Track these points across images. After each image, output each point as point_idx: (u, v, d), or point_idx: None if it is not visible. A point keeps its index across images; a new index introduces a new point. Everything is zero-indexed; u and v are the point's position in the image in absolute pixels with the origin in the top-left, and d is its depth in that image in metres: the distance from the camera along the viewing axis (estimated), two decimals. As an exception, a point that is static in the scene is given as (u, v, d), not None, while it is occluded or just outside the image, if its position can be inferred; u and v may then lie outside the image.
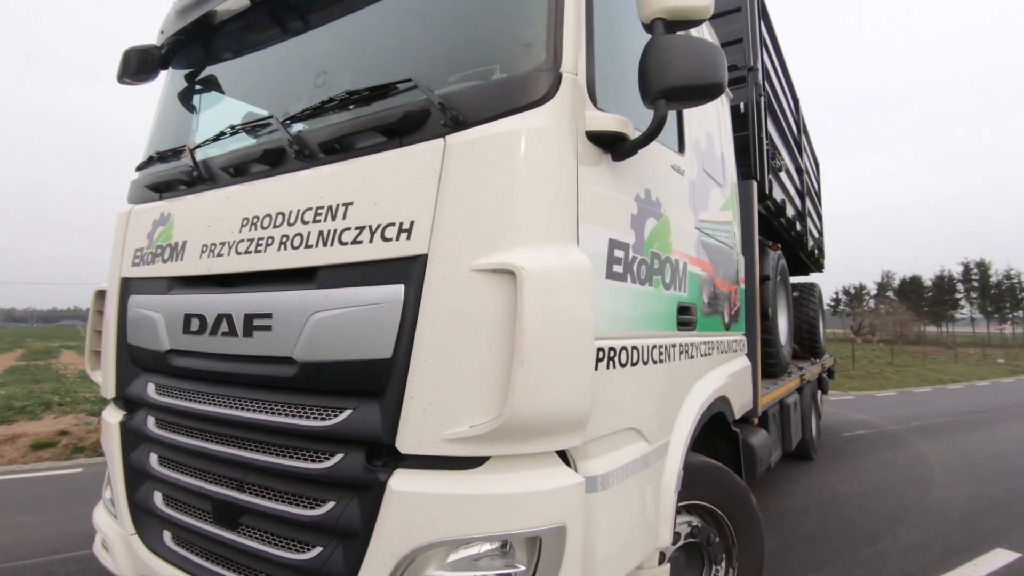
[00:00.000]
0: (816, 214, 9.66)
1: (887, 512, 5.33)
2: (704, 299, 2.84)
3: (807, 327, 8.48)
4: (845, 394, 16.24)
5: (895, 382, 20.53)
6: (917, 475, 6.92)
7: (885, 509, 5.43)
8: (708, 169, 3.13)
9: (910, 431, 10.19)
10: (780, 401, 5.30)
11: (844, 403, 13.75)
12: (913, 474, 6.96)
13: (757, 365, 3.86)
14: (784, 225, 6.06)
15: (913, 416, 12.07)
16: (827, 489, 6.13)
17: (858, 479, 6.64)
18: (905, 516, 5.21)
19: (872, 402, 14.96)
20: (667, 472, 2.24)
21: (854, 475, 6.84)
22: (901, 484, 6.43)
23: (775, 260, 4.99)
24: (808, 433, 6.90)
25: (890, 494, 5.97)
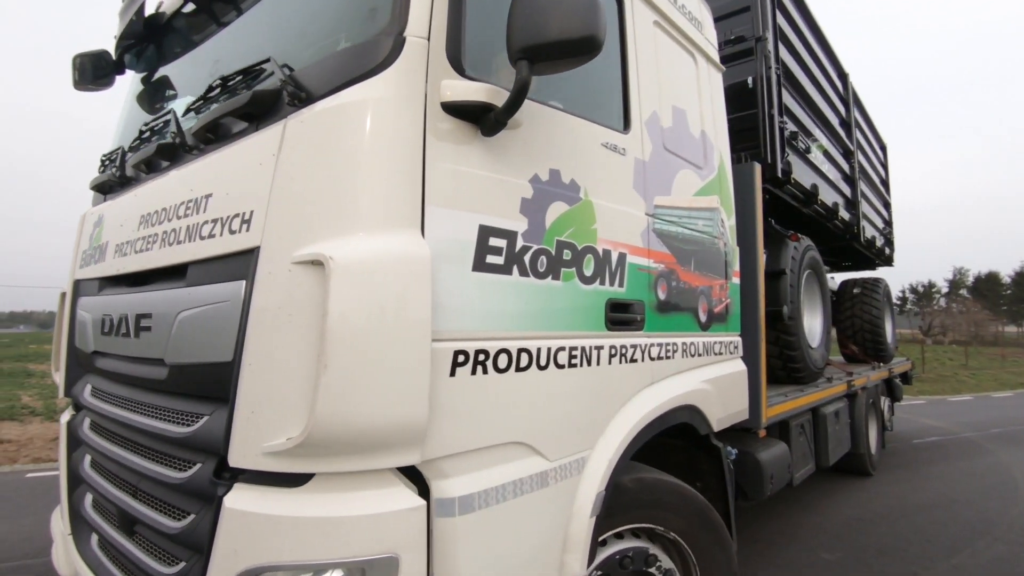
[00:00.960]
0: (882, 202, 8.72)
1: (965, 525, 4.90)
2: (659, 295, 2.50)
3: (869, 327, 7.63)
4: (915, 398, 14.88)
5: (970, 386, 19.23)
6: (998, 486, 6.30)
7: (963, 521, 4.99)
8: (676, 149, 2.77)
9: (989, 438, 9.34)
10: (813, 410, 4.74)
11: (914, 408, 12.67)
12: (994, 485, 6.34)
13: (760, 370, 3.41)
14: (823, 213, 5.43)
15: (992, 422, 11.11)
16: (897, 499, 5.70)
17: (931, 489, 6.11)
18: (986, 529, 4.78)
19: (945, 407, 13.89)
20: (582, 493, 1.95)
21: (927, 485, 6.30)
22: (980, 495, 5.88)
23: (800, 252, 4.44)
24: (863, 446, 6.16)
25: (968, 506, 5.50)
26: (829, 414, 4.92)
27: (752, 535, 4.59)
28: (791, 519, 5.04)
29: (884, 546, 4.40)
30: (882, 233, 8.41)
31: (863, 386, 6.30)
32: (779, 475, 3.78)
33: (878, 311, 7.68)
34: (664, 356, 2.50)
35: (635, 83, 2.51)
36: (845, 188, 6.24)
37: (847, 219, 6.17)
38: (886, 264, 8.90)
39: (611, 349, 2.17)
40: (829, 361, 5.97)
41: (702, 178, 3.01)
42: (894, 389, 8.85)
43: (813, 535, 4.64)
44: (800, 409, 4.20)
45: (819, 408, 4.82)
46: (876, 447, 6.91)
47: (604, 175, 2.23)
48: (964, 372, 23.30)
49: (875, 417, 7.05)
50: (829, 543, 4.41)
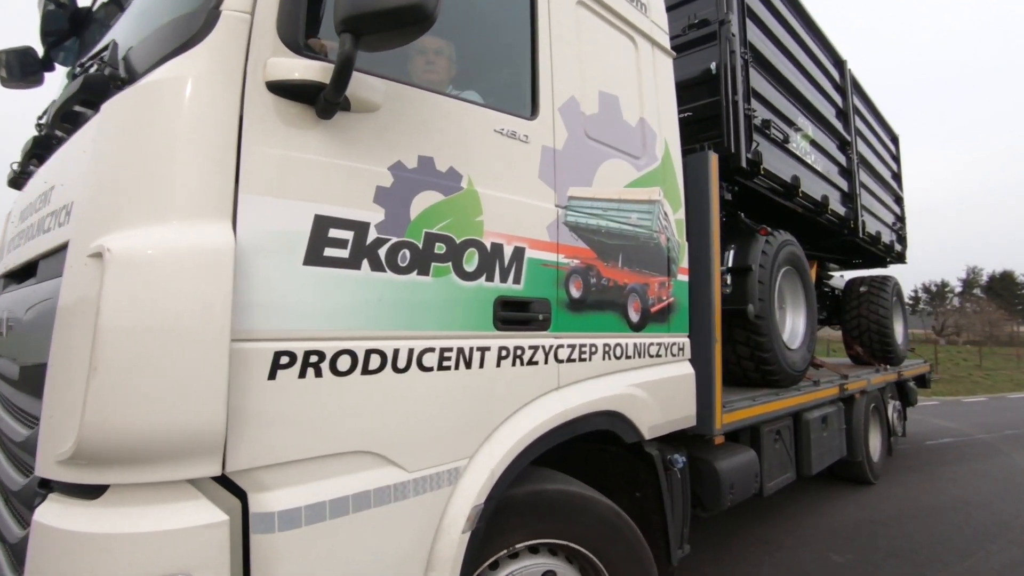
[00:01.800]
0: (892, 197, 8.29)
1: (979, 527, 4.84)
2: (572, 292, 2.32)
3: (876, 328, 7.26)
4: (928, 399, 14.39)
5: (985, 386, 18.87)
6: (1013, 488, 6.19)
7: (976, 524, 4.92)
8: (602, 137, 2.60)
9: (1004, 440, 9.15)
10: (794, 415, 4.47)
11: (927, 409, 12.36)
12: (1008, 487, 6.23)
13: (713, 374, 3.20)
14: (810, 207, 5.14)
15: (1007, 423, 10.90)
16: (909, 501, 5.62)
17: (944, 491, 6.01)
18: (1000, 532, 4.71)
19: (959, 408, 13.66)
20: (454, 506, 1.80)
21: (939, 486, 6.19)
22: (993, 497, 5.77)
23: (775, 247, 4.18)
24: (860, 454, 5.82)
25: (981, 508, 5.42)
26: (813, 420, 4.63)
27: (761, 536, 4.55)
28: (801, 521, 4.98)
29: (895, 548, 4.30)
30: (892, 229, 7.99)
31: (862, 390, 5.96)
32: (742, 485, 3.55)
33: (886, 311, 7.29)
34: (577, 358, 2.33)
35: (547, 67, 2.34)
36: (840, 181, 5.91)
37: (842, 214, 5.84)
38: (898, 261, 8.46)
39: (501, 351, 2.00)
40: (822, 363, 5.67)
41: (639, 168, 2.82)
42: (907, 393, 8.41)
43: (823, 537, 4.58)
44: (773, 415, 3.95)
45: (801, 413, 4.55)
46: (880, 454, 6.53)
47: (498, 163, 2.07)
48: (978, 373, 23.00)
49: (879, 423, 6.68)
50: (839, 545, 4.35)
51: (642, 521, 2.71)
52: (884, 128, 8.05)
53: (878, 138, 7.67)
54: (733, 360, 4.17)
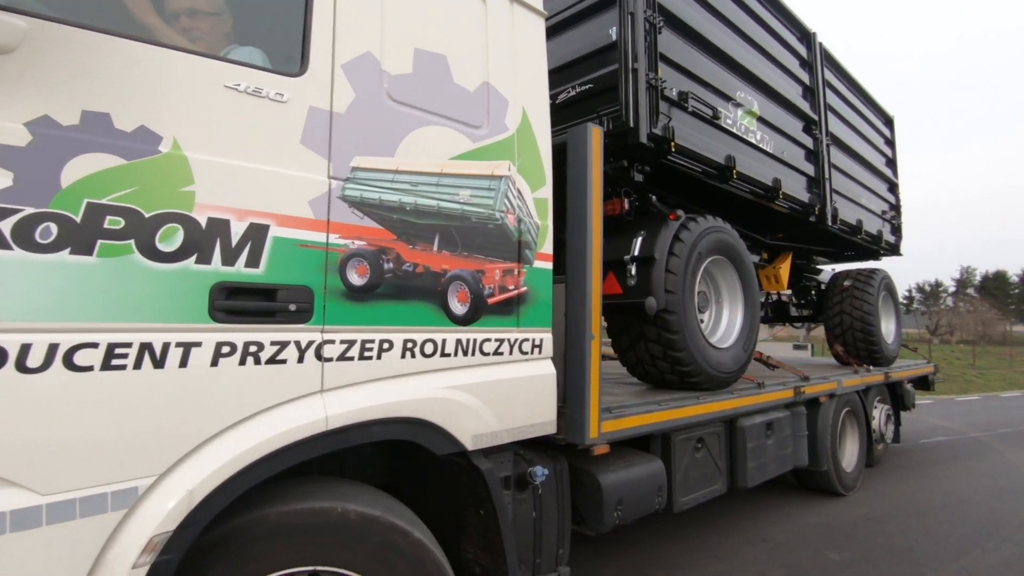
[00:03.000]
0: (886, 184, 7.67)
1: (974, 525, 4.89)
2: (353, 279, 1.99)
3: (859, 325, 6.69)
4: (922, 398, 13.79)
5: (978, 385, 19.21)
6: (1008, 486, 6.23)
7: (972, 522, 4.98)
8: (418, 101, 2.25)
9: (998, 438, 9.21)
10: (729, 421, 4.03)
11: (921, 408, 12.25)
12: (1003, 485, 6.26)
13: (588, 374, 2.81)
14: (760, 192, 4.67)
15: (1001, 422, 11.00)
16: (905, 499, 5.65)
17: (940, 489, 6.05)
18: (995, 530, 4.75)
19: (953, 407, 13.76)
20: (125, 534, 1.49)
21: (935, 485, 6.23)
22: (989, 495, 5.83)
23: (695, 235, 3.74)
24: (826, 463, 5.30)
25: (977, 506, 5.47)
26: (752, 426, 4.17)
27: (760, 535, 4.56)
28: (799, 519, 4.99)
29: (892, 546, 4.33)
30: (883, 218, 7.37)
31: (830, 393, 5.43)
32: (637, 500, 3.16)
33: (871, 306, 6.70)
34: (357, 356, 1.99)
35: (325, 17, 2.01)
36: (805, 164, 5.39)
37: (805, 199, 5.33)
38: (891, 253, 7.81)
39: (221, 347, 1.68)
40: (779, 363, 5.17)
41: (476, 139, 2.46)
42: (902, 396, 7.77)
43: (820, 535, 4.59)
44: (688, 421, 3.52)
45: (737, 419, 4.10)
46: (856, 464, 5.97)
47: (230, 125, 1.75)
48: (972, 372, 23.23)
49: (857, 429, 6.11)
50: (836, 543, 4.40)
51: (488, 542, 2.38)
52: (873, 109, 7.42)
53: (864, 119, 7.07)
54: (647, 360, 3.76)
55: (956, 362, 27.04)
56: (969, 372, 23.19)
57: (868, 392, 6.59)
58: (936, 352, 26.70)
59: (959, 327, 45.61)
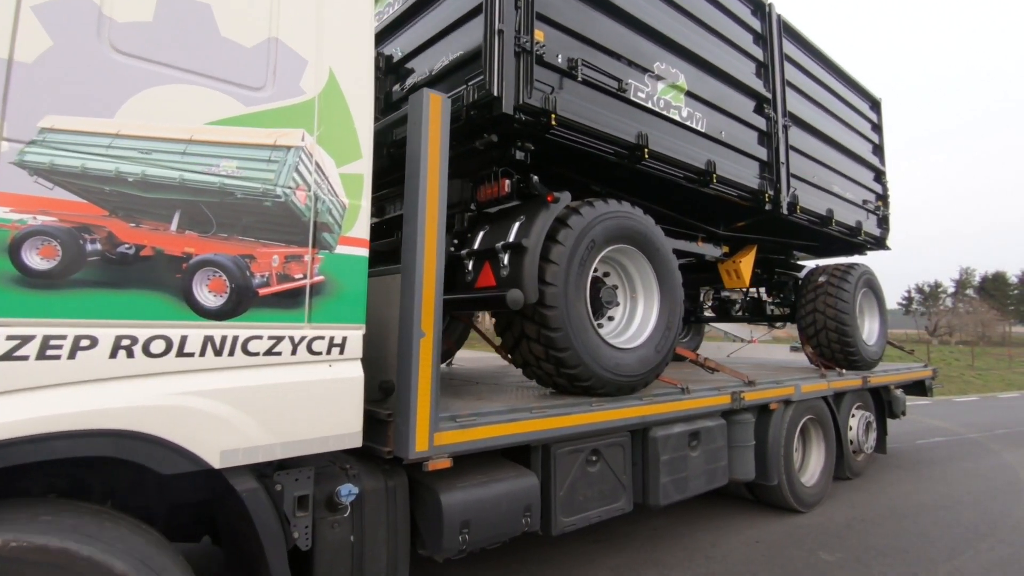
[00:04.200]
0: (871, 172, 7.07)
1: (968, 526, 4.88)
2: (32, 261, 1.65)
3: (834, 326, 6.12)
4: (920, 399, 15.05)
5: (976, 386, 19.15)
6: (1003, 487, 6.19)
7: (966, 522, 4.96)
8: (156, 54, 1.91)
9: (994, 439, 9.11)
10: (638, 431, 3.60)
11: (919, 408, 12.19)
12: (998, 486, 6.21)
13: (414, 378, 2.43)
14: (695, 178, 4.20)
15: (998, 423, 10.92)
16: (899, 500, 5.63)
17: (935, 490, 6.00)
18: (989, 531, 4.75)
19: (951, 408, 13.55)
20: None
21: (930, 486, 6.18)
22: (984, 496, 5.80)
23: (586, 221, 3.29)
24: (776, 476, 4.79)
25: (971, 507, 5.45)
26: (669, 437, 3.72)
27: (753, 536, 4.54)
28: (793, 520, 4.95)
29: (885, 547, 4.34)
30: (864, 208, 6.77)
31: (784, 399, 4.92)
32: (491, 522, 2.76)
33: (846, 304, 6.13)
34: (35, 355, 1.64)
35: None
36: (753, 146, 4.89)
37: (754, 186, 4.82)
38: (877, 247, 7.20)
39: None
40: (718, 366, 4.68)
41: (251, 103, 2.11)
42: (890, 403, 7.15)
43: (814, 536, 4.58)
44: (569, 431, 3.10)
45: (649, 429, 3.65)
46: (820, 478, 5.41)
47: None
48: (970, 373, 23.12)
49: (823, 439, 5.55)
50: (829, 544, 4.40)
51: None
52: (853, 90, 6.81)
53: (841, 100, 6.47)
54: (533, 362, 3.34)
55: (955, 363, 27.14)
56: (968, 373, 23.14)
57: (842, 398, 6.02)
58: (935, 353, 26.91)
59: (958, 328, 46.01)
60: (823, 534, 4.61)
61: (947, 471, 6.90)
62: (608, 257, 3.71)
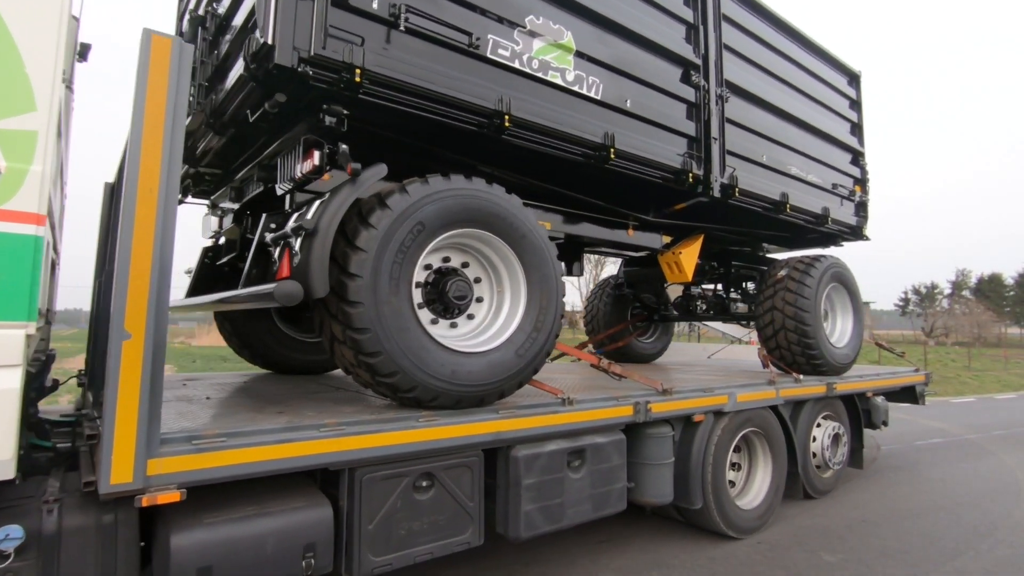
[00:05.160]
0: (846, 153, 6.32)
1: (969, 527, 4.90)
2: None
3: (792, 326, 5.44)
4: None
5: (973, 387, 19.11)
6: (1002, 488, 6.18)
7: (966, 523, 4.98)
8: None
9: (992, 440, 9.04)
10: (495, 451, 3.04)
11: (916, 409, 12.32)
12: (997, 487, 6.22)
13: (114, 390, 1.92)
14: (592, 154, 3.61)
15: (995, 424, 10.88)
16: (900, 501, 5.63)
17: (935, 491, 6.01)
18: (989, 532, 4.77)
19: (948, 408, 13.53)
20: None
21: (930, 487, 6.18)
22: (984, 497, 5.79)
23: (412, 199, 2.74)
24: (698, 498, 4.17)
25: (972, 508, 5.45)
26: (538, 456, 3.14)
27: (756, 537, 4.52)
28: (795, 520, 4.95)
29: (886, 548, 4.36)
30: (837, 194, 6.03)
31: (713, 409, 4.28)
32: (245, 568, 2.23)
33: (807, 301, 5.43)
34: None
35: None
36: (676, 119, 4.25)
37: (676, 165, 4.19)
38: (854, 237, 6.44)
39: None
40: (624, 372, 4.06)
41: None
42: (870, 412, 6.39)
43: (815, 537, 4.58)
44: (383, 452, 2.57)
45: (511, 448, 3.09)
46: (765, 499, 4.73)
47: None
48: (967, 374, 23.12)
49: (771, 454, 4.88)
50: (831, 545, 4.43)
51: None
52: (823, 60, 6.07)
53: (805, 71, 5.74)
54: (351, 368, 2.80)
55: (951, 364, 27.16)
56: (964, 374, 23.11)
57: (801, 407, 5.33)
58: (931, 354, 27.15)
59: (954, 329, 46.59)
60: (825, 535, 4.62)
61: (947, 472, 6.85)
62: (463, 245, 3.16)
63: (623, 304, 7.60)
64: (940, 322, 48.26)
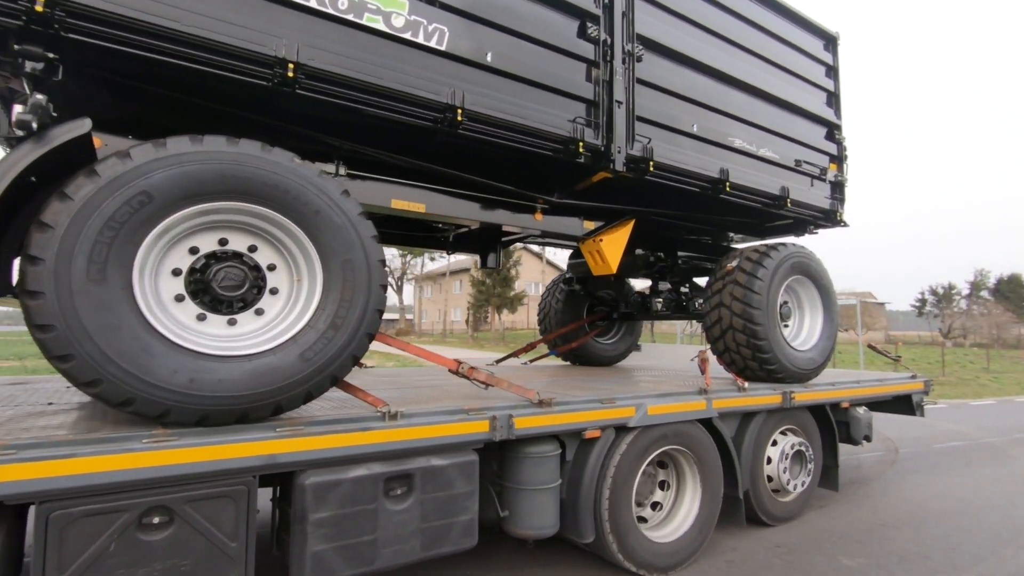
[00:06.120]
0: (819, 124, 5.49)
1: (990, 532, 4.80)
2: None
3: (741, 325, 4.68)
4: (935, 403, 14.14)
5: (992, 390, 18.47)
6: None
7: (988, 528, 4.88)
8: None
9: (1013, 443, 8.77)
10: (281, 477, 2.47)
11: (934, 412, 11.94)
12: (1019, 491, 6.08)
13: None
14: (440, 118, 2.99)
15: (1016, 427, 10.55)
16: (919, 505, 5.52)
17: (954, 495, 5.86)
18: (1012, 537, 4.69)
19: (967, 411, 13.08)
20: None
21: (949, 491, 6.01)
22: (1006, 502, 5.66)
23: (124, 171, 2.15)
24: (591, 530, 3.49)
25: (993, 512, 5.33)
26: (335, 484, 2.55)
27: (774, 540, 4.50)
28: (813, 524, 4.91)
29: (907, 553, 4.31)
30: (802, 172, 5.20)
31: (614, 423, 3.60)
32: None
33: (758, 296, 4.65)
34: None
35: None
36: (566, 80, 3.58)
37: (564, 133, 3.52)
38: (828, 223, 5.59)
39: None
40: (487, 377, 3.41)
41: None
42: (848, 425, 5.55)
43: (834, 541, 4.53)
44: (89, 480, 2.03)
45: (298, 474, 2.51)
46: (689, 531, 3.96)
47: None
48: (986, 376, 22.58)
49: (700, 477, 4.11)
50: (851, 549, 4.38)
51: None
52: (789, 19, 5.24)
53: (761, 30, 4.93)
54: (64, 373, 2.26)
55: (970, 365, 26.56)
56: (983, 376, 22.47)
57: (749, 420, 4.57)
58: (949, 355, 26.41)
59: (973, 330, 45.79)
60: (844, 539, 4.56)
61: (967, 476, 6.67)
62: (247, 224, 2.58)
63: (577, 301, 6.90)
64: (958, 323, 47.70)
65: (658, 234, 5.52)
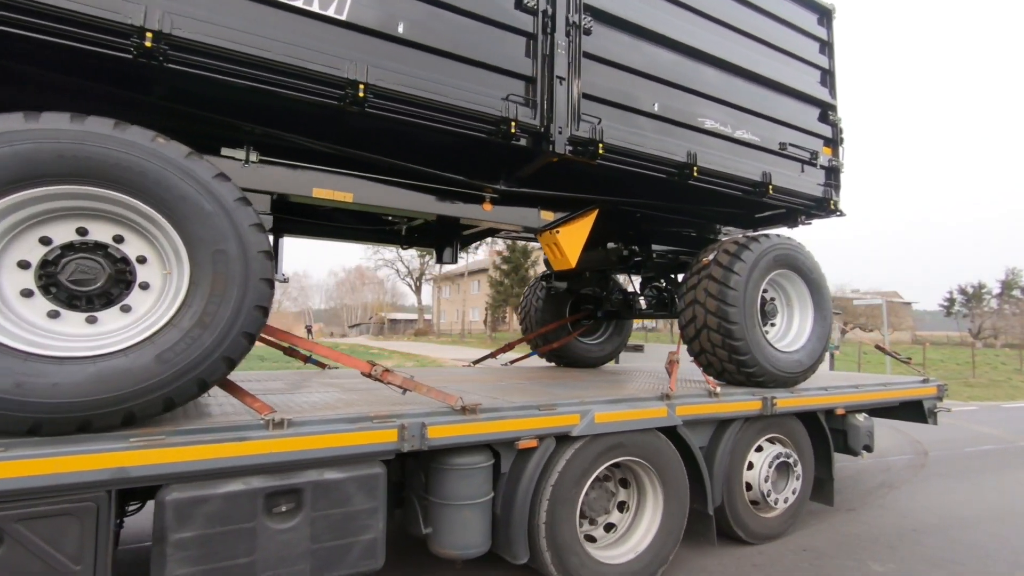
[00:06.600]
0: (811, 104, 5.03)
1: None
2: None
3: (716, 324, 4.28)
4: (966, 404, 14.50)
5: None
6: None
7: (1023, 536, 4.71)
8: None
9: None
10: (144, 492, 2.22)
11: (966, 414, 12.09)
12: None
13: None
14: (341, 95, 2.71)
15: None
16: (951, 510, 5.37)
17: (988, 500, 5.74)
18: None
19: (999, 414, 12.90)
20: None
21: (983, 496, 5.88)
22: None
23: None
24: (523, 551, 3.16)
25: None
26: (203, 500, 2.28)
27: (802, 544, 4.44)
28: (842, 528, 4.82)
29: (937, 559, 4.20)
30: (789, 157, 4.75)
31: (555, 432, 3.25)
32: None
33: (734, 293, 4.24)
34: None
35: None
36: (501, 55, 3.25)
37: (496, 113, 3.19)
38: (822, 213, 5.10)
39: None
40: (405, 381, 3.09)
41: None
42: (846, 434, 5.06)
43: (864, 546, 4.45)
44: None
45: (157, 489, 2.25)
46: (645, 549, 3.58)
47: None
48: (1018, 377, 22.35)
49: (662, 492, 3.72)
50: (880, 554, 4.31)
51: None
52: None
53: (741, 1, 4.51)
54: None
55: (1001, 367, 26.03)
56: (1016, 377, 22.15)
57: (724, 428, 4.16)
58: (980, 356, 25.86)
59: (1004, 330, 45.13)
60: (873, 543, 4.47)
61: (1000, 481, 6.47)
62: (107, 212, 2.34)
63: (559, 300, 6.53)
64: (988, 323, 46.79)
65: (634, 226, 5.14)
